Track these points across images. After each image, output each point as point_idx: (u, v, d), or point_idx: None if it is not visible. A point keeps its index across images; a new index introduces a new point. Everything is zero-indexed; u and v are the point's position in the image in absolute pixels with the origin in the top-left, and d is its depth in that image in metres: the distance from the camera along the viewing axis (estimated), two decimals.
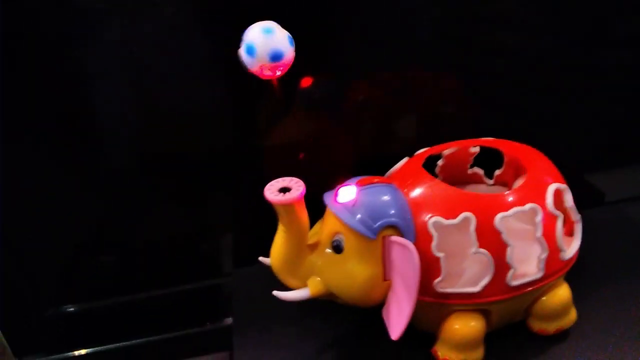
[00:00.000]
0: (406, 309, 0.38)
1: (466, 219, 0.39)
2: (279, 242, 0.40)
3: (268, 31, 0.35)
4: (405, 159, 0.47)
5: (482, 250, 0.39)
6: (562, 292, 0.43)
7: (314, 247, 0.41)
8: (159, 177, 0.57)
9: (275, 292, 0.41)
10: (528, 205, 0.40)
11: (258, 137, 0.56)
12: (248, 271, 0.56)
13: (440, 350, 0.42)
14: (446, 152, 0.50)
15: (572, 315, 0.45)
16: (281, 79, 0.50)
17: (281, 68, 0.36)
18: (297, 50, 0.40)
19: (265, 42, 0.35)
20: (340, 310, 0.44)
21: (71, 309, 0.61)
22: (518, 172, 0.50)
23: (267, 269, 0.42)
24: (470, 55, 0.55)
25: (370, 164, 0.46)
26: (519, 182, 0.46)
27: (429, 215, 0.40)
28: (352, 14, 0.53)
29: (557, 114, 0.60)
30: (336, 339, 0.47)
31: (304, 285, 0.41)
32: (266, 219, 0.42)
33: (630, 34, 0.58)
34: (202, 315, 0.64)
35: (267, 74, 0.36)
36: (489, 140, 0.48)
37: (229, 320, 0.63)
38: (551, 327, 0.44)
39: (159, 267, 0.62)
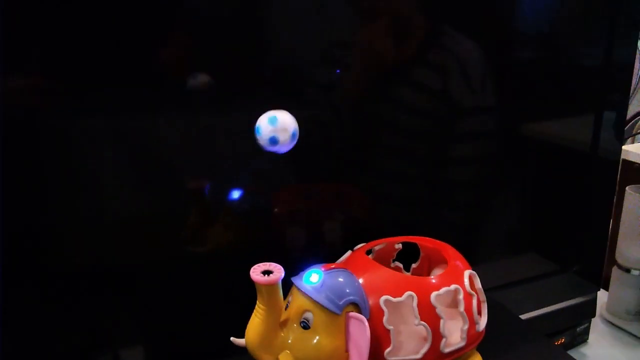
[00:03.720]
0: None
1: (410, 296, 0.48)
2: (257, 320, 0.46)
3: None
4: (349, 252, 0.56)
5: (422, 322, 0.48)
6: None
7: (283, 324, 0.47)
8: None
9: None
10: (453, 286, 0.51)
11: (185, 243, 0.59)
12: None
13: None
14: (376, 247, 0.60)
15: None
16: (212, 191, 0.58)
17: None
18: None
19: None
20: None
21: None
22: (431, 265, 0.61)
23: None
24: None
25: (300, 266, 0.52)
26: (438, 270, 0.57)
27: (379, 294, 0.49)
28: None
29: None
30: None
31: None
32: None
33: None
34: None
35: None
36: (412, 237, 0.60)
37: None
38: None
39: None
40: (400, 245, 0.61)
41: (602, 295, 0.90)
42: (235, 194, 0.58)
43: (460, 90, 0.69)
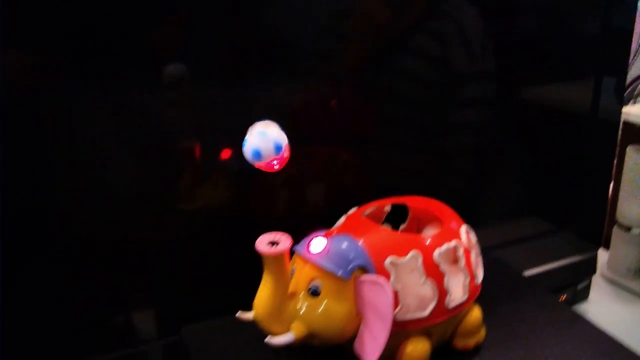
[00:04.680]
0: (381, 337, 0.46)
1: (415, 256, 0.49)
2: (265, 292, 0.45)
3: (262, 133, 0.43)
4: (344, 216, 0.55)
5: (428, 280, 0.48)
6: (477, 313, 0.55)
7: (291, 295, 0.46)
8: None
9: (267, 340, 0.45)
10: (453, 242, 0.51)
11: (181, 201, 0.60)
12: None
13: None
14: (367, 211, 0.59)
15: (483, 331, 0.56)
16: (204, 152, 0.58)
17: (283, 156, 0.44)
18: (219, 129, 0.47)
19: (265, 140, 0.42)
20: None
21: None
22: (420, 224, 0.62)
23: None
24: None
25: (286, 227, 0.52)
26: (429, 229, 0.58)
27: (383, 255, 0.48)
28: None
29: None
30: None
31: (287, 331, 0.46)
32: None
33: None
34: None
35: (275, 166, 0.43)
36: (403, 198, 0.60)
37: None
38: (471, 342, 0.54)
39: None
40: (389, 208, 0.61)
41: (603, 255, 0.92)
42: (227, 154, 0.57)
43: (460, 57, 0.69)
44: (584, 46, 0.82)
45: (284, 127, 0.46)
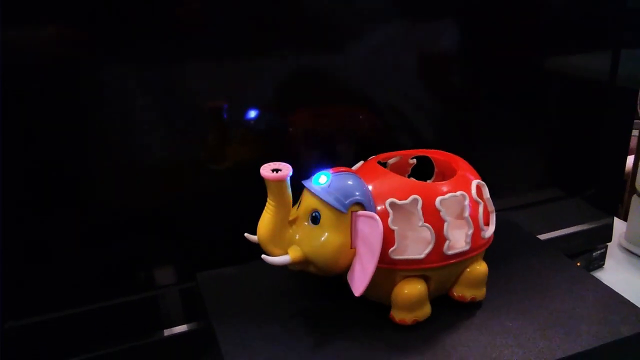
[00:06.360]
0: (369, 269, 0.48)
1: (415, 200, 0.50)
2: (267, 216, 0.49)
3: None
4: (361, 162, 0.58)
5: (426, 224, 0.50)
6: (481, 267, 0.55)
7: (293, 222, 0.50)
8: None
9: (263, 256, 0.49)
10: (459, 192, 0.53)
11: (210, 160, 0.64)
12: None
13: (395, 314, 0.53)
14: (390, 161, 0.62)
15: (484, 289, 0.56)
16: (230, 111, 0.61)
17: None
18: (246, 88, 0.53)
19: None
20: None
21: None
22: (445, 179, 0.63)
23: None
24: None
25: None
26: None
27: (386, 197, 0.51)
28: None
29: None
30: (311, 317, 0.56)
31: (286, 253, 0.50)
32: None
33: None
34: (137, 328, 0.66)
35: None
36: (425, 151, 0.61)
37: (168, 332, 0.67)
38: (468, 295, 0.55)
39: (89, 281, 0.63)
40: (414, 160, 0.63)
41: (621, 225, 0.90)
42: (252, 114, 0.61)
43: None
44: (606, 12, 0.78)
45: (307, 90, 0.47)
